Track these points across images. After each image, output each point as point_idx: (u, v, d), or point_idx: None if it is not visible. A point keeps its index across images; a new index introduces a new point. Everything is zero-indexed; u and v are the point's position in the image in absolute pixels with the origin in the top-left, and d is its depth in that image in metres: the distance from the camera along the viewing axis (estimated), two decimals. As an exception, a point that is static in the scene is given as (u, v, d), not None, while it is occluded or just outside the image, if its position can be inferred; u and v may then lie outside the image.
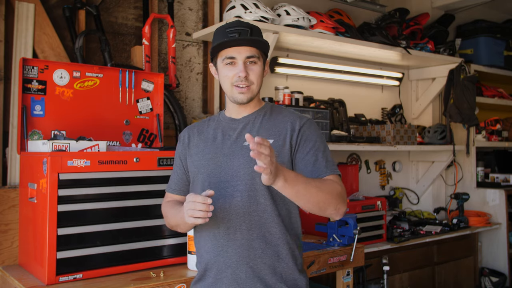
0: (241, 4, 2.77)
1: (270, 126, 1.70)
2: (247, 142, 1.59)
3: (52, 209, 1.83)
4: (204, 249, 1.69)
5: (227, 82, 1.67)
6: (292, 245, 1.67)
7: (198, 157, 1.73)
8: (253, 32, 1.66)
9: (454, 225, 3.68)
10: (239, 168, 1.64)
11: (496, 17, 4.84)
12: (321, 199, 1.53)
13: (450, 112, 3.89)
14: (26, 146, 2.13)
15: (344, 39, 3.20)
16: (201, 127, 1.81)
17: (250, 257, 1.62)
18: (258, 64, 1.67)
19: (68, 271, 1.87)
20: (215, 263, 1.65)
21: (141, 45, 2.74)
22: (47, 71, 2.22)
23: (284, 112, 1.77)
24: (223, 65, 1.67)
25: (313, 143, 1.67)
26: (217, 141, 1.72)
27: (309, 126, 1.70)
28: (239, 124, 1.73)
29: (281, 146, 1.66)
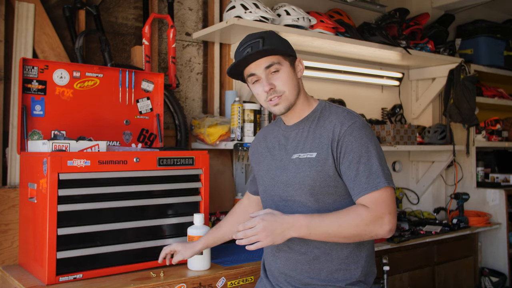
0: (241, 4, 2.77)
1: (316, 136, 1.63)
2: (294, 155, 1.66)
3: (52, 209, 1.83)
4: (265, 248, 1.79)
5: (261, 100, 1.66)
6: (348, 260, 1.63)
7: (260, 167, 1.79)
8: (265, 40, 1.59)
9: (454, 225, 3.67)
10: (288, 183, 1.65)
11: (496, 17, 4.84)
12: (349, 235, 1.52)
13: (450, 112, 3.89)
14: (26, 146, 2.13)
15: (344, 39, 3.20)
16: (267, 133, 1.84)
17: (297, 271, 1.65)
18: (283, 69, 1.61)
19: (68, 271, 1.87)
20: (270, 268, 1.76)
21: (141, 45, 2.74)
22: (47, 71, 2.22)
23: (332, 115, 1.64)
24: (251, 84, 1.67)
25: (354, 153, 1.55)
26: (275, 152, 1.75)
27: (351, 132, 1.56)
28: (290, 132, 1.72)
29: (324, 160, 1.58)
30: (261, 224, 1.48)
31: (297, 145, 1.66)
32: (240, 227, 1.50)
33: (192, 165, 2.18)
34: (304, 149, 1.63)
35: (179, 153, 2.16)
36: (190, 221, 2.10)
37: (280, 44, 1.62)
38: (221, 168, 3.01)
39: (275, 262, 1.71)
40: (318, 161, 1.59)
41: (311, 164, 1.60)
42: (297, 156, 1.64)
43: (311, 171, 1.59)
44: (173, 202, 2.14)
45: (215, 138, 2.74)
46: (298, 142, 1.66)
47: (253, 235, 1.48)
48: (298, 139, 1.67)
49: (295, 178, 1.62)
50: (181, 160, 2.15)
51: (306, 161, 1.61)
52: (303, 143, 1.64)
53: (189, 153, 2.19)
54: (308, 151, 1.62)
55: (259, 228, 1.48)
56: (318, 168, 1.59)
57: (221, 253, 2.33)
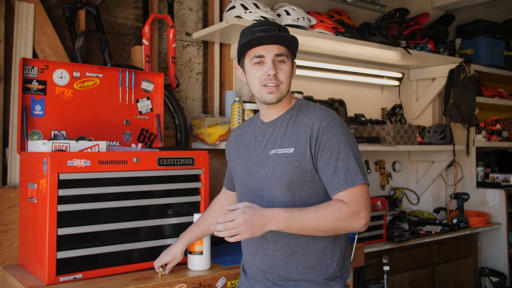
0: (241, 4, 2.77)
1: (293, 132, 1.65)
2: (272, 151, 1.67)
3: (52, 209, 1.83)
4: (244, 249, 1.81)
5: (256, 82, 1.63)
6: (324, 254, 1.65)
7: (237, 164, 1.80)
8: (281, 30, 1.63)
9: (454, 225, 3.68)
10: (265, 179, 1.66)
11: (496, 17, 4.85)
12: (327, 228, 1.55)
13: (450, 112, 3.89)
14: (26, 146, 2.13)
15: (344, 39, 3.20)
16: (243, 130, 1.85)
17: (276, 266, 1.66)
18: (287, 63, 1.64)
19: (68, 271, 1.87)
20: (248, 267, 1.77)
21: (141, 45, 2.74)
22: (47, 71, 2.22)
23: (310, 112, 1.67)
24: (251, 65, 1.64)
25: (332, 149, 1.58)
26: (251, 148, 1.76)
27: (329, 129, 1.59)
28: (268, 129, 1.73)
29: (302, 155, 1.61)
30: (242, 217, 1.48)
31: (274, 141, 1.68)
32: (220, 219, 1.50)
33: (192, 165, 2.18)
34: (282, 145, 1.65)
35: (179, 153, 2.16)
36: (190, 221, 2.10)
37: (293, 38, 1.65)
38: (221, 168, 3.02)
39: (254, 260, 1.73)
40: (295, 156, 1.61)
41: (288, 160, 1.62)
42: (274, 152, 1.66)
43: (289, 166, 1.61)
44: (173, 202, 2.14)
45: (215, 138, 2.74)
46: (276, 138, 1.68)
47: (234, 228, 1.49)
48: (276, 135, 1.69)
49: (273, 173, 1.63)
50: (181, 160, 2.15)
51: (283, 156, 1.63)
52: (281, 139, 1.66)
53: (189, 153, 2.19)
54: (285, 147, 1.64)
55: (240, 221, 1.48)
56: (296, 164, 1.61)
57: (221, 253, 2.33)
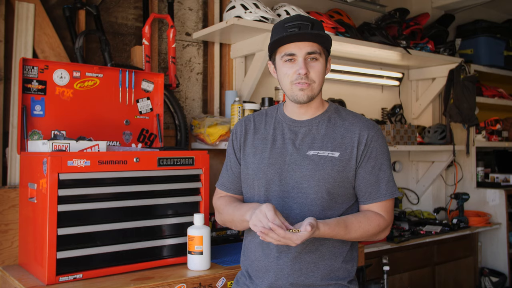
0: (241, 4, 2.77)
1: (336, 136, 1.62)
2: (311, 152, 1.60)
3: (52, 209, 1.83)
4: (255, 256, 1.66)
5: (287, 80, 1.59)
6: (347, 257, 1.65)
7: (257, 160, 1.66)
8: (314, 27, 1.56)
9: (454, 225, 3.68)
10: (302, 180, 1.58)
11: (496, 17, 4.85)
12: (362, 239, 1.60)
13: (450, 112, 3.89)
14: (26, 146, 2.13)
15: (344, 39, 3.20)
16: (258, 123, 1.72)
17: (302, 270, 1.60)
18: (320, 61, 1.58)
19: (68, 271, 1.87)
20: (265, 273, 1.63)
21: (141, 45, 2.74)
22: (47, 71, 2.22)
23: (350, 117, 1.66)
24: (282, 62, 1.59)
25: (377, 160, 1.61)
26: (277, 145, 1.65)
27: (377, 139, 1.62)
28: (301, 128, 1.65)
29: (347, 160, 1.59)
30: (307, 235, 1.42)
31: (312, 141, 1.62)
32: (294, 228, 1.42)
33: (192, 165, 2.18)
34: (323, 147, 1.60)
35: (179, 153, 2.16)
36: (190, 221, 2.10)
37: (326, 36, 1.58)
38: (221, 168, 3.01)
39: (276, 264, 1.61)
40: (341, 161, 1.59)
41: (333, 163, 1.58)
42: (314, 153, 1.59)
43: (333, 170, 1.58)
44: (173, 202, 2.14)
45: (215, 138, 2.74)
46: (314, 139, 1.62)
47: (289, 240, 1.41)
48: (313, 135, 1.62)
49: (314, 175, 1.57)
50: (181, 160, 2.15)
51: (327, 159, 1.58)
52: (321, 141, 1.61)
53: (189, 153, 2.19)
54: (329, 150, 1.59)
55: (304, 237, 1.42)
56: (340, 168, 1.59)
57: (221, 253, 2.33)
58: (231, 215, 1.67)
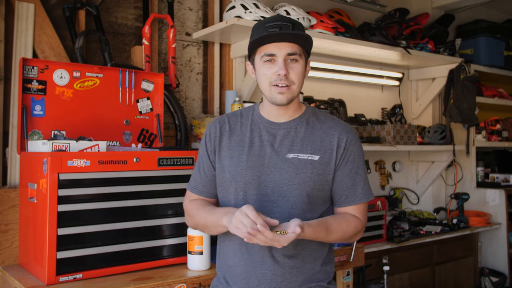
0: (241, 4, 2.77)
1: (315, 139, 1.61)
2: (290, 155, 1.58)
3: (52, 209, 1.83)
4: (233, 261, 1.63)
5: (266, 81, 1.56)
6: (325, 260, 1.66)
7: (234, 163, 1.61)
8: (295, 27, 1.54)
9: (454, 225, 3.68)
10: (282, 183, 1.57)
11: (496, 17, 4.85)
12: (339, 241, 1.64)
13: (450, 112, 3.89)
14: (26, 146, 2.13)
15: (344, 39, 3.20)
16: (233, 125, 1.67)
17: (285, 275, 1.58)
18: (300, 63, 1.55)
19: (68, 271, 1.87)
20: (245, 278, 1.59)
21: (141, 45, 2.74)
22: (47, 71, 2.22)
23: (328, 120, 1.66)
24: (261, 63, 1.56)
25: (354, 163, 1.62)
26: (255, 148, 1.61)
27: (355, 143, 1.63)
28: (279, 130, 1.62)
29: (327, 164, 1.60)
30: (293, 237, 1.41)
31: (291, 144, 1.60)
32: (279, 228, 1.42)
33: (192, 165, 2.18)
34: (303, 150, 1.59)
35: (179, 153, 2.16)
36: (190, 221, 2.10)
37: (306, 37, 1.57)
38: (221, 168, 3.01)
39: (259, 268, 1.58)
40: (320, 164, 1.58)
41: (313, 166, 1.58)
42: (294, 156, 1.58)
43: (313, 173, 1.58)
44: (173, 202, 2.14)
45: (215, 138, 2.73)
46: (293, 141, 1.60)
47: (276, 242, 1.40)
48: (292, 138, 1.61)
49: (294, 178, 1.56)
50: (181, 160, 2.15)
51: (307, 162, 1.58)
52: (300, 144, 1.60)
53: (189, 153, 2.19)
54: (309, 153, 1.59)
55: (292, 239, 1.41)
56: (320, 171, 1.59)
57: (221, 253, 2.33)
58: (204, 220, 1.63)
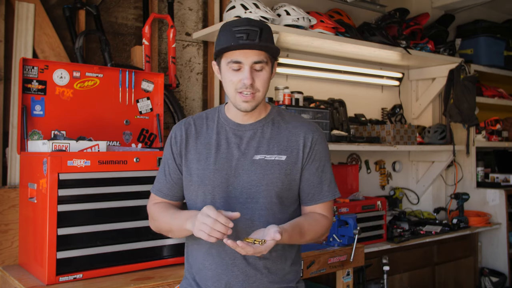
0: (241, 4, 2.77)
1: (281, 139, 1.62)
2: (257, 156, 1.58)
3: (52, 209, 1.83)
4: (203, 264, 1.62)
5: (231, 87, 1.55)
6: (294, 260, 1.68)
7: (201, 166, 1.59)
8: (262, 33, 1.51)
9: (454, 225, 3.68)
10: (250, 185, 1.56)
11: (496, 17, 4.85)
12: (312, 239, 1.64)
13: (450, 112, 3.89)
14: (26, 146, 2.13)
15: (344, 39, 3.20)
16: (199, 127, 1.65)
17: (257, 276, 1.58)
18: (266, 70, 1.55)
19: (68, 271, 1.87)
20: (216, 281, 1.59)
21: (141, 45, 2.74)
22: (47, 71, 2.22)
23: (293, 121, 1.67)
24: (227, 68, 1.54)
25: (320, 161, 1.64)
26: (222, 150, 1.60)
27: (320, 142, 1.65)
28: (246, 132, 1.62)
29: (294, 163, 1.61)
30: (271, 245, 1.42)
31: (258, 146, 1.60)
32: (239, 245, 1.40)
33: (192, 165, 2.18)
34: (270, 151, 1.59)
35: (179, 153, 2.15)
36: (190, 221, 2.10)
37: (273, 43, 1.58)
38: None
39: (231, 271, 1.58)
40: (288, 164, 1.60)
41: (280, 167, 1.59)
42: (261, 157, 1.58)
43: (281, 174, 1.58)
44: (173, 202, 2.14)
45: (215, 138, 2.74)
46: (259, 143, 1.60)
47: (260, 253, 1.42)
48: (258, 139, 1.61)
49: (262, 179, 1.56)
50: (181, 160, 2.15)
51: (275, 163, 1.58)
52: (267, 145, 1.60)
53: (189, 153, 2.18)
54: (276, 153, 1.59)
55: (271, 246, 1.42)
56: (288, 171, 1.60)
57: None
58: (168, 224, 1.61)
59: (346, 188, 3.45)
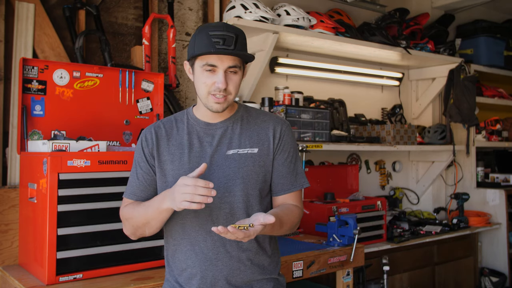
0: (241, 4, 2.77)
1: (252, 134, 1.67)
2: (230, 151, 1.63)
3: (52, 209, 1.83)
4: (186, 263, 1.62)
5: (204, 89, 1.58)
6: (273, 250, 1.72)
7: (176, 166, 1.62)
8: (238, 39, 1.56)
9: (454, 225, 3.68)
10: (226, 179, 1.60)
11: (496, 17, 4.85)
12: (288, 229, 1.66)
13: (450, 112, 3.89)
14: (26, 146, 2.13)
15: (344, 39, 3.20)
16: (169, 130, 1.68)
17: (241, 269, 1.62)
18: (239, 74, 1.60)
19: (68, 271, 1.87)
20: (201, 278, 1.60)
21: (141, 45, 2.74)
22: (47, 71, 2.22)
23: (261, 115, 1.73)
24: (202, 70, 1.57)
25: (289, 152, 1.69)
26: (195, 149, 1.64)
27: (288, 132, 1.71)
28: (217, 130, 1.66)
29: (266, 155, 1.66)
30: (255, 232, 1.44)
31: (229, 141, 1.65)
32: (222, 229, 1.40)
33: (192, 165, 2.18)
34: (242, 145, 1.65)
35: (179, 153, 2.15)
36: (190, 221, 2.10)
37: (246, 50, 1.63)
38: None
39: (215, 266, 1.60)
40: (260, 156, 1.65)
41: (253, 159, 1.64)
42: (234, 152, 1.63)
43: (254, 166, 1.63)
44: (173, 202, 2.14)
45: (215, 138, 2.74)
46: (231, 139, 1.65)
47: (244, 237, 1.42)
48: (230, 136, 1.65)
49: (237, 173, 1.61)
50: (181, 160, 2.15)
51: (248, 156, 1.64)
52: (238, 140, 1.65)
53: (189, 153, 2.18)
54: (248, 147, 1.65)
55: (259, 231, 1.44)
56: (261, 163, 1.65)
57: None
58: (144, 216, 1.59)
59: (346, 188, 3.45)
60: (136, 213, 1.60)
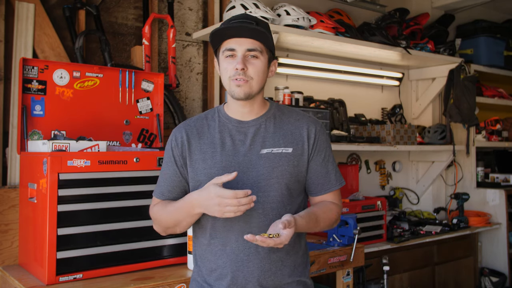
0: (241, 4, 2.77)
1: (285, 133, 1.64)
2: (264, 150, 1.60)
3: (52, 209, 1.83)
4: (216, 264, 1.60)
5: (226, 75, 1.57)
6: (304, 251, 1.71)
7: (208, 165, 1.59)
8: (259, 25, 1.55)
9: (454, 225, 3.68)
10: (259, 179, 1.58)
11: (496, 17, 4.85)
12: (326, 226, 1.68)
13: (450, 112, 3.89)
14: (26, 146, 2.13)
15: (344, 39, 3.20)
16: (200, 128, 1.66)
17: (272, 270, 1.59)
18: (260, 60, 1.57)
19: (68, 271, 1.87)
20: (232, 278, 1.58)
21: (141, 45, 2.74)
22: (47, 71, 2.22)
23: (294, 114, 1.70)
24: (223, 58, 1.57)
25: (325, 152, 1.68)
26: (227, 147, 1.60)
27: (323, 133, 1.69)
28: (249, 128, 1.63)
29: (300, 155, 1.63)
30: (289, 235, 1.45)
31: (263, 140, 1.62)
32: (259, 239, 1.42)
33: (192, 165, 2.18)
34: (276, 144, 1.62)
35: (179, 153, 2.15)
36: (190, 221, 2.10)
37: (270, 37, 1.59)
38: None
39: (246, 267, 1.58)
40: (294, 156, 1.62)
41: (288, 159, 1.61)
42: (268, 151, 1.60)
43: (289, 166, 1.61)
44: (173, 202, 2.14)
45: (215, 138, 2.74)
46: (264, 137, 1.62)
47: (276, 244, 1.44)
48: (263, 134, 1.62)
49: (272, 172, 1.58)
50: (181, 160, 2.15)
51: (282, 155, 1.61)
52: (272, 139, 1.62)
53: (189, 153, 2.18)
54: (282, 146, 1.62)
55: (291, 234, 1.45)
56: (295, 163, 1.62)
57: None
58: (174, 217, 1.59)
59: (346, 188, 3.45)
60: (165, 215, 1.62)
